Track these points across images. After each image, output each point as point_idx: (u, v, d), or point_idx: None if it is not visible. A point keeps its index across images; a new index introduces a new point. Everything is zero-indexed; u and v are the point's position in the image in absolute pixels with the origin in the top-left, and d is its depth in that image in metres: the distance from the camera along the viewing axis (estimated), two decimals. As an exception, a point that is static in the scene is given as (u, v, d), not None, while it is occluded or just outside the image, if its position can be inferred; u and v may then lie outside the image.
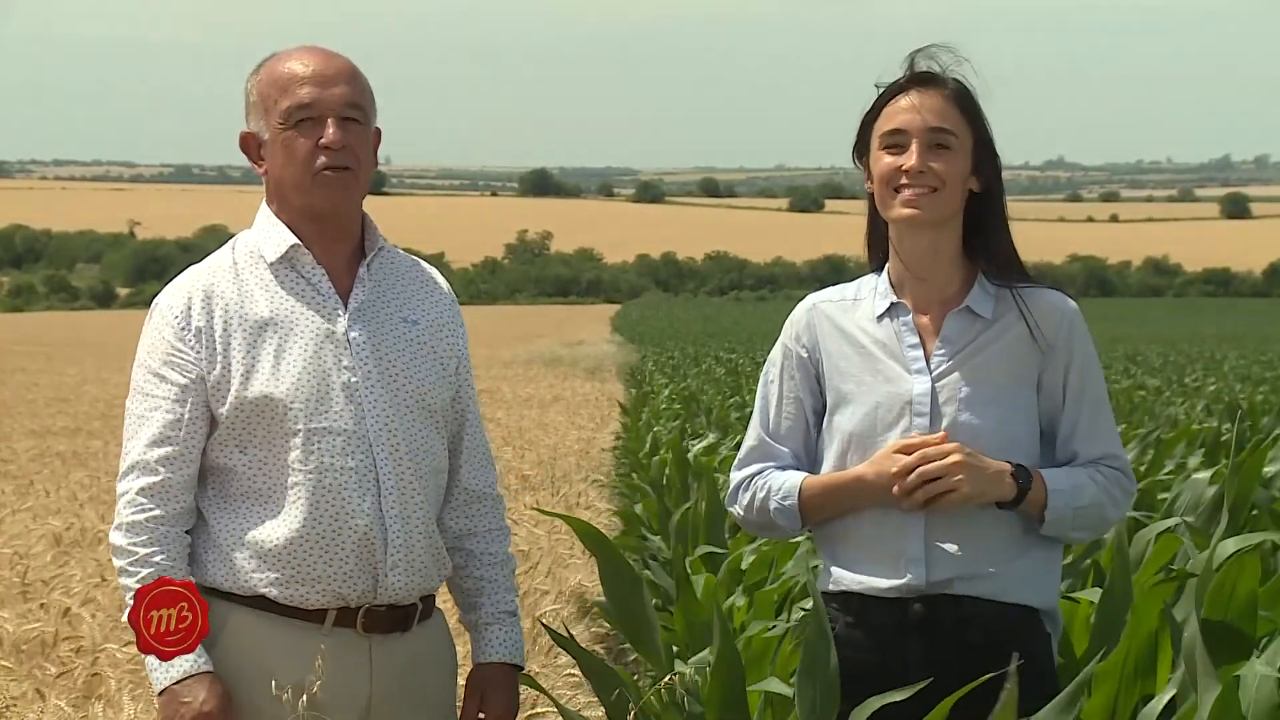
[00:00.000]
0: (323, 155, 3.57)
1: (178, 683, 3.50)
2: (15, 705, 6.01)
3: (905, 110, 3.55)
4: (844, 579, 3.61)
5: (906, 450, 3.49)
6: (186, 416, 3.58)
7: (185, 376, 3.58)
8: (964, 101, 3.57)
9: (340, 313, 3.62)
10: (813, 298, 3.74)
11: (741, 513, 3.72)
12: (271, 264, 3.63)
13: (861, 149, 3.63)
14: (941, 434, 3.50)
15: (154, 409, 3.59)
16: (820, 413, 3.67)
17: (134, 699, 6.04)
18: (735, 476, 3.74)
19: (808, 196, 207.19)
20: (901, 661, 3.54)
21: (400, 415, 3.61)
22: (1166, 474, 9.17)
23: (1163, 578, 4.60)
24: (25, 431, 20.53)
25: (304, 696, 3.48)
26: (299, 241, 3.63)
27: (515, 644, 3.79)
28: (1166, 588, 4.68)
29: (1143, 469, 9.19)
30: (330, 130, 3.56)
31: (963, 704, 3.37)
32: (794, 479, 3.62)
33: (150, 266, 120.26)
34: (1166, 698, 3.93)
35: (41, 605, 7.69)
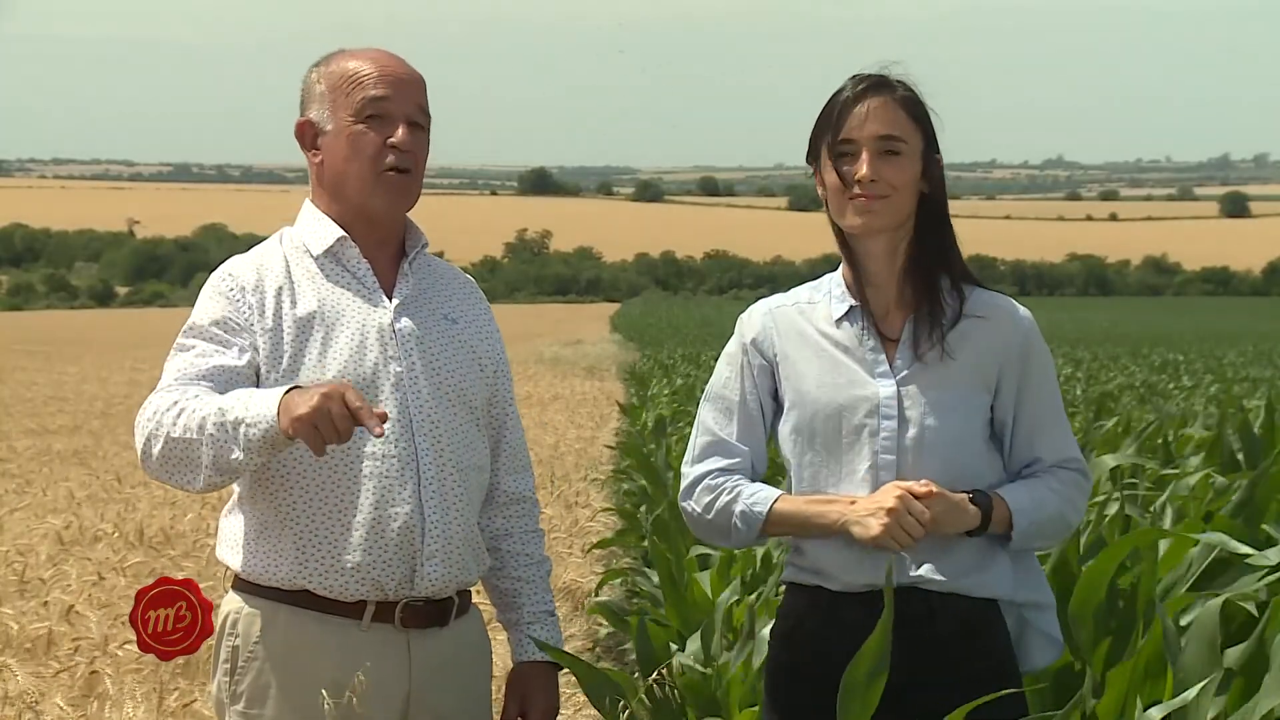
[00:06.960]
0: (390, 154, 3.59)
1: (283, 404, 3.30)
2: (15, 703, 6.02)
3: (854, 119, 3.55)
4: (818, 570, 3.59)
5: (893, 512, 3.44)
6: (233, 364, 3.50)
7: (238, 338, 3.54)
8: (912, 107, 3.58)
9: (386, 304, 3.64)
10: (767, 302, 3.73)
11: (698, 510, 3.65)
12: (317, 258, 3.65)
13: (813, 156, 3.63)
14: (925, 483, 3.46)
15: (200, 355, 3.51)
16: (774, 415, 3.67)
17: (133, 698, 6.05)
18: (692, 471, 3.68)
19: (807, 195, 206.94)
20: None
21: (443, 407, 3.63)
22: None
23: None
24: (24, 430, 20.51)
25: (347, 695, 3.45)
26: (345, 234, 3.64)
27: (556, 643, 3.82)
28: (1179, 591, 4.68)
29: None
30: (401, 130, 3.58)
31: (929, 694, 3.42)
32: (768, 493, 3.60)
33: (149, 265, 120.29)
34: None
35: (44, 604, 7.70)
